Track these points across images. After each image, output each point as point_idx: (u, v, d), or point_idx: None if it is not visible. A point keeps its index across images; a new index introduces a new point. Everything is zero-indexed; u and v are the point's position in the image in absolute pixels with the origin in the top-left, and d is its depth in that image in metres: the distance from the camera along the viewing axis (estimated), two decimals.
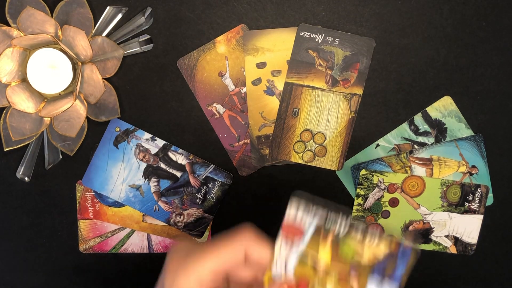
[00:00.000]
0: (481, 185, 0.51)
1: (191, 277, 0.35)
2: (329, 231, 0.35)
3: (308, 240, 0.36)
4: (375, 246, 0.35)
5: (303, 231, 0.35)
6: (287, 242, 0.36)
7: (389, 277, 0.35)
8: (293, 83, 0.50)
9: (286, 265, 0.36)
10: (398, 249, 0.35)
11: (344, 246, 0.35)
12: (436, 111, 0.51)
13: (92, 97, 0.48)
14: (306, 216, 0.35)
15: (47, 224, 0.52)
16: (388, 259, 0.35)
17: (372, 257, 0.35)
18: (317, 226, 0.35)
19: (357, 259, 0.35)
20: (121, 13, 0.48)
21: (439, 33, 0.50)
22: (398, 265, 0.35)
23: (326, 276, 0.36)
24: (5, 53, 0.46)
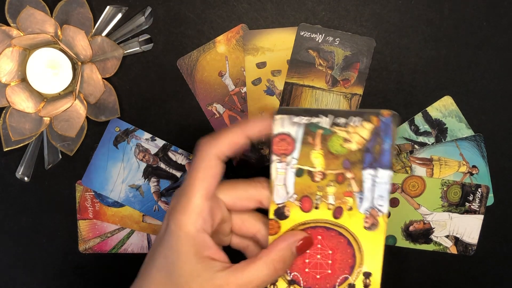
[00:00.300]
0: (481, 185, 0.51)
1: (190, 213, 0.35)
2: (315, 133, 0.36)
3: (299, 151, 0.37)
4: (360, 127, 0.36)
5: (293, 143, 0.36)
6: (281, 162, 0.37)
7: (380, 154, 0.36)
8: (293, 83, 0.50)
9: (286, 186, 0.37)
10: (379, 121, 0.36)
11: (332, 140, 0.36)
12: (437, 111, 0.51)
13: (91, 97, 0.48)
14: (292, 127, 0.36)
15: (46, 224, 0.52)
16: (374, 136, 0.36)
17: (359, 139, 0.36)
18: (303, 133, 0.36)
19: (347, 147, 0.36)
20: (121, 12, 0.48)
21: (439, 33, 0.50)
22: (384, 139, 0.36)
23: (325, 184, 0.37)
24: (5, 53, 0.46)
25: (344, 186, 0.37)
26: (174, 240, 0.35)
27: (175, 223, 0.35)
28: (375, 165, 0.36)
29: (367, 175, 0.37)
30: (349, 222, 0.38)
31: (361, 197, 0.37)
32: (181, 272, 0.35)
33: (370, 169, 0.36)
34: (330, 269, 0.38)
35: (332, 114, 0.36)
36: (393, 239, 0.52)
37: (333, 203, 0.37)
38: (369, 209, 0.37)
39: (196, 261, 0.35)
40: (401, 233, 0.52)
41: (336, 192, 0.37)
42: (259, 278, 0.35)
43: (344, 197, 0.37)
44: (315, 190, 0.37)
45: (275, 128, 0.36)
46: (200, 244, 0.35)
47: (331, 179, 0.37)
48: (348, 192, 0.37)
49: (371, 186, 0.37)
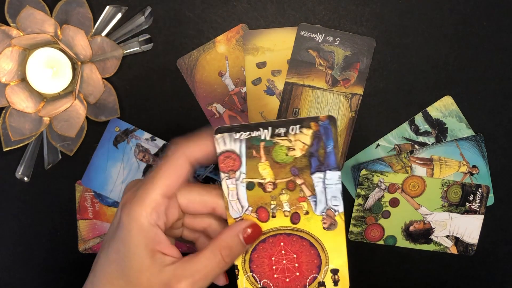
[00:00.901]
0: (481, 185, 0.51)
1: (146, 206, 0.35)
2: (258, 146, 0.37)
3: (246, 165, 0.37)
4: (300, 134, 0.36)
5: (239, 159, 0.37)
6: (230, 178, 0.37)
7: (325, 157, 0.37)
8: (293, 82, 0.50)
9: (240, 201, 0.38)
10: (318, 126, 0.36)
11: (276, 150, 0.37)
12: (437, 111, 0.51)
13: (91, 97, 0.48)
14: (234, 144, 0.37)
15: (46, 224, 0.52)
16: (316, 140, 0.36)
17: (302, 146, 0.37)
18: (246, 147, 0.37)
19: (292, 155, 0.37)
20: (120, 12, 0.48)
21: (439, 33, 0.50)
22: (326, 142, 0.36)
23: (277, 193, 0.38)
24: (5, 52, 0.46)
25: (296, 193, 0.38)
26: (126, 232, 0.35)
27: (128, 215, 0.35)
28: (323, 168, 0.37)
29: (317, 179, 0.37)
30: (308, 226, 0.38)
31: (315, 200, 0.38)
32: (131, 265, 0.35)
33: (318, 173, 0.37)
34: (298, 272, 0.39)
35: (270, 126, 0.36)
36: (393, 239, 0.52)
37: (289, 210, 0.38)
38: (324, 210, 0.38)
39: (146, 254, 0.35)
40: (401, 233, 0.52)
41: (290, 199, 0.38)
42: (206, 267, 0.35)
43: (299, 202, 0.38)
44: (269, 200, 0.38)
45: (218, 147, 0.37)
46: (152, 238, 0.35)
47: (282, 188, 0.38)
48: (301, 197, 0.38)
49: (322, 188, 0.37)
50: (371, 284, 0.53)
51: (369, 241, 0.52)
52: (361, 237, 0.52)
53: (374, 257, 0.53)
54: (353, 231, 0.52)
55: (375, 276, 0.53)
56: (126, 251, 0.35)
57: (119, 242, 0.36)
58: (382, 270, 0.53)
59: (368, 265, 0.53)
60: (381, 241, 0.52)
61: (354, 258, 0.53)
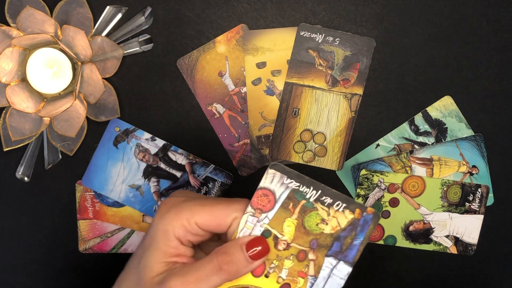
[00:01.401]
0: (481, 185, 0.51)
1: (179, 221, 0.35)
2: (298, 202, 0.36)
3: (275, 213, 0.36)
4: (341, 213, 0.36)
5: (273, 202, 0.36)
6: (253, 216, 0.37)
7: (348, 247, 0.36)
8: (293, 83, 0.50)
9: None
10: (361, 215, 0.36)
11: (310, 215, 0.36)
12: (437, 111, 0.51)
13: (91, 97, 0.48)
14: (279, 187, 0.36)
15: (46, 224, 0.52)
16: (350, 227, 0.36)
17: (336, 225, 0.36)
18: (287, 197, 0.36)
19: (321, 227, 0.36)
20: (120, 12, 0.48)
21: (439, 33, 0.50)
22: (358, 234, 0.36)
23: (285, 256, 0.37)
24: (5, 53, 0.46)
25: (301, 265, 0.37)
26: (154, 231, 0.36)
27: (161, 217, 0.36)
28: (340, 257, 0.36)
29: (328, 263, 0.36)
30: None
31: (313, 282, 0.37)
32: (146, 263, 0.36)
33: (333, 258, 0.36)
34: None
35: (321, 190, 0.36)
36: (393, 239, 0.52)
37: (284, 278, 0.37)
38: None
39: (163, 259, 0.36)
40: (401, 233, 0.52)
41: (292, 268, 0.37)
42: (199, 269, 0.35)
43: (298, 276, 0.37)
44: (273, 257, 0.37)
45: (263, 181, 0.36)
46: (171, 247, 0.36)
47: (292, 253, 0.37)
48: (303, 272, 0.37)
49: (327, 275, 0.37)
50: (371, 284, 0.53)
51: (369, 241, 0.52)
52: None
53: (374, 257, 0.53)
54: None
55: (375, 276, 0.53)
56: (147, 249, 0.36)
57: (146, 240, 0.36)
58: (382, 270, 0.53)
59: (368, 265, 0.53)
60: (381, 241, 0.52)
61: None
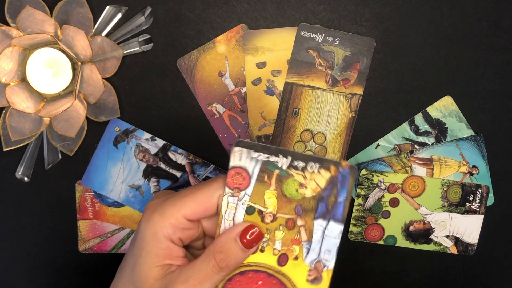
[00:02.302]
0: (481, 185, 0.51)
1: (166, 221, 0.35)
2: (272, 172, 0.35)
3: (253, 187, 0.36)
4: (317, 174, 0.35)
5: (248, 179, 0.36)
6: (233, 196, 0.36)
7: (333, 206, 0.35)
8: (293, 83, 0.50)
9: (234, 222, 0.36)
10: (337, 172, 0.35)
11: (288, 182, 0.35)
12: (437, 111, 0.51)
13: (91, 97, 0.48)
14: (249, 162, 0.35)
15: (46, 224, 0.52)
16: (330, 186, 0.35)
17: (315, 186, 0.35)
18: (260, 170, 0.35)
19: (302, 192, 0.35)
20: (120, 12, 0.48)
21: (439, 33, 0.50)
22: (339, 191, 0.35)
23: (274, 228, 0.36)
24: (5, 52, 0.46)
25: (293, 233, 0.36)
26: (141, 237, 0.36)
27: (147, 221, 0.36)
28: (328, 217, 0.35)
29: (318, 226, 0.36)
30: (292, 272, 0.37)
31: (309, 247, 0.36)
32: (141, 270, 0.36)
33: (321, 220, 0.36)
34: None
35: (291, 156, 0.35)
36: (393, 239, 0.52)
37: (279, 249, 0.36)
38: (314, 262, 0.36)
39: (156, 263, 0.35)
40: (401, 233, 0.52)
41: (284, 238, 0.36)
42: (200, 272, 0.35)
43: (292, 244, 0.36)
44: (263, 231, 0.36)
45: (233, 160, 0.35)
46: (163, 249, 0.36)
47: (281, 223, 0.36)
48: (296, 240, 0.36)
49: (320, 238, 0.36)
50: (371, 284, 0.53)
51: (369, 241, 0.52)
52: (361, 237, 0.52)
53: (374, 257, 0.53)
54: (353, 231, 0.52)
55: (375, 276, 0.53)
56: (138, 256, 0.36)
57: (136, 247, 0.36)
58: (382, 270, 0.53)
59: (368, 265, 0.53)
60: (381, 241, 0.52)
61: (354, 258, 0.53)
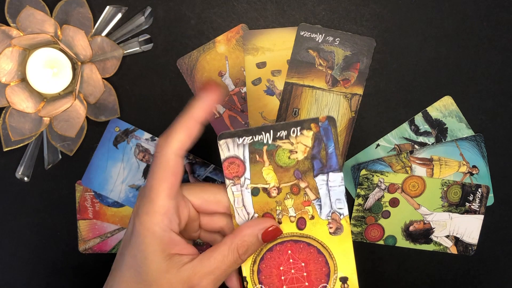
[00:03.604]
0: (481, 185, 0.51)
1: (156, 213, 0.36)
2: (261, 150, 0.37)
3: (250, 170, 0.37)
4: (301, 136, 0.37)
5: (243, 165, 0.37)
6: (235, 185, 0.38)
7: (327, 159, 0.37)
8: (293, 83, 0.50)
9: (245, 207, 0.38)
10: (318, 127, 0.37)
11: (278, 154, 0.37)
12: (437, 111, 0.51)
13: (91, 97, 0.48)
14: (238, 150, 0.37)
15: (46, 224, 0.52)
16: (317, 142, 0.37)
17: (304, 148, 0.37)
18: (250, 152, 0.37)
19: (294, 158, 0.37)
20: (120, 12, 0.48)
21: (439, 33, 0.50)
22: (327, 143, 0.37)
23: (282, 198, 0.38)
24: (5, 52, 0.46)
25: (301, 197, 0.38)
26: (141, 240, 0.36)
27: (141, 224, 0.36)
28: (325, 170, 0.37)
29: (320, 181, 0.37)
30: (314, 231, 0.38)
31: (320, 203, 0.38)
32: (149, 271, 0.35)
33: (321, 175, 0.37)
34: (307, 281, 0.39)
35: (272, 129, 0.37)
36: (393, 239, 0.52)
37: (295, 215, 0.38)
38: (330, 214, 0.38)
39: (163, 258, 0.35)
40: (401, 233, 0.52)
41: (295, 203, 0.38)
42: (224, 263, 0.36)
43: (304, 207, 0.38)
44: (274, 205, 0.38)
45: (222, 153, 0.37)
46: (167, 242, 0.36)
47: (287, 192, 0.38)
48: (306, 201, 0.38)
49: (326, 191, 0.38)
50: (371, 284, 0.53)
51: (369, 241, 0.52)
52: (361, 237, 0.52)
53: (374, 257, 0.53)
54: (353, 231, 0.52)
55: (375, 276, 0.53)
56: (142, 257, 0.36)
57: (135, 248, 0.36)
58: (382, 270, 0.53)
59: (368, 265, 0.53)
60: (381, 241, 0.52)
61: (354, 258, 0.53)
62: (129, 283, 0.36)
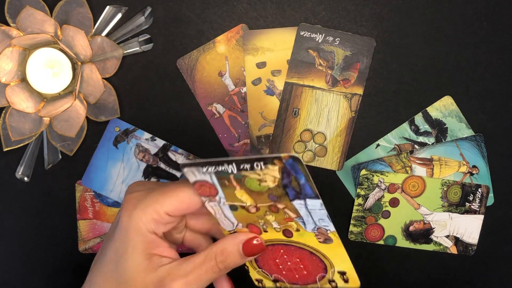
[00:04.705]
0: (481, 185, 0.51)
1: (148, 215, 0.35)
2: (229, 177, 0.35)
3: (222, 192, 0.36)
4: (267, 169, 0.34)
5: (213, 187, 0.35)
6: (212, 201, 0.36)
7: (300, 188, 0.34)
8: (293, 83, 0.50)
9: (228, 219, 0.37)
10: (282, 163, 0.33)
11: (247, 181, 0.35)
12: (437, 111, 0.51)
13: (91, 97, 0.48)
14: (204, 176, 0.35)
15: (46, 224, 0.52)
16: (285, 174, 0.34)
17: (273, 178, 0.34)
18: (217, 179, 0.35)
19: (264, 185, 0.35)
20: (120, 12, 0.48)
21: (439, 33, 0.50)
22: (296, 176, 0.33)
23: (263, 214, 0.36)
24: (5, 52, 0.46)
25: (281, 215, 0.36)
26: (124, 234, 0.36)
27: (129, 217, 0.36)
28: (302, 197, 0.34)
29: (298, 205, 0.35)
30: (303, 239, 0.37)
31: (302, 221, 0.36)
32: (127, 266, 0.35)
33: (297, 200, 0.35)
34: (305, 271, 0.39)
35: (234, 163, 0.34)
36: (393, 239, 0.52)
37: (279, 227, 0.37)
38: (315, 229, 0.36)
39: (143, 257, 0.35)
40: (401, 233, 0.52)
41: (277, 219, 0.36)
42: (200, 269, 0.36)
43: (286, 222, 0.36)
44: (256, 219, 0.37)
45: (189, 178, 0.35)
46: (149, 241, 0.36)
47: (266, 210, 0.36)
48: (287, 218, 0.36)
49: (306, 212, 0.35)
50: (371, 284, 0.53)
51: (369, 241, 0.52)
52: (361, 237, 0.52)
53: (374, 257, 0.53)
54: (353, 231, 0.52)
55: (375, 276, 0.53)
56: (123, 252, 0.36)
57: (118, 242, 0.36)
58: (382, 270, 0.53)
59: (368, 265, 0.53)
60: (381, 241, 0.52)
61: (354, 258, 0.53)
62: (107, 278, 0.36)
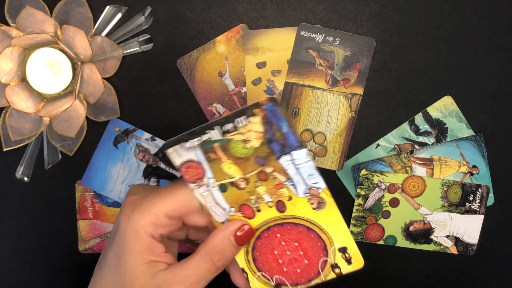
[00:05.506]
0: (481, 185, 0.51)
1: (146, 218, 0.35)
2: (214, 148, 0.35)
3: (210, 169, 0.36)
4: (249, 123, 0.34)
5: (200, 166, 0.36)
6: (200, 187, 0.36)
7: (284, 138, 0.35)
8: (293, 83, 0.50)
9: (219, 205, 0.37)
10: (263, 111, 0.34)
11: (232, 146, 0.35)
12: (437, 111, 0.51)
13: (91, 97, 0.48)
14: (189, 153, 0.35)
15: (46, 224, 0.52)
16: (268, 125, 0.34)
17: (256, 134, 0.35)
18: (203, 153, 0.35)
19: (250, 146, 0.35)
20: (120, 12, 0.48)
21: (439, 33, 0.50)
22: (278, 124, 0.34)
23: (253, 187, 0.36)
24: (5, 52, 0.46)
25: (271, 181, 0.36)
26: (123, 237, 0.36)
27: (128, 219, 0.36)
28: (287, 150, 0.35)
29: (286, 162, 0.35)
30: (296, 211, 0.37)
31: (293, 183, 0.36)
32: (127, 269, 0.35)
33: (284, 156, 0.35)
34: (306, 259, 0.38)
35: (216, 125, 0.34)
36: (393, 239, 0.52)
37: (271, 200, 0.37)
38: (307, 190, 0.36)
39: (141, 261, 0.35)
40: (401, 233, 0.52)
41: (267, 189, 0.36)
42: (197, 272, 0.35)
43: (277, 190, 0.36)
44: (248, 196, 0.37)
45: (175, 160, 0.35)
46: (146, 246, 0.35)
47: (255, 181, 0.36)
48: (278, 185, 0.36)
49: (295, 170, 0.36)
50: (371, 284, 0.53)
51: (369, 241, 0.52)
52: (361, 237, 0.52)
53: (374, 257, 0.53)
54: (353, 231, 0.52)
55: (375, 276, 0.53)
56: (122, 256, 0.36)
57: (116, 245, 0.36)
58: (382, 270, 0.53)
59: (368, 265, 0.53)
60: (381, 241, 0.52)
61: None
62: (107, 282, 0.36)
